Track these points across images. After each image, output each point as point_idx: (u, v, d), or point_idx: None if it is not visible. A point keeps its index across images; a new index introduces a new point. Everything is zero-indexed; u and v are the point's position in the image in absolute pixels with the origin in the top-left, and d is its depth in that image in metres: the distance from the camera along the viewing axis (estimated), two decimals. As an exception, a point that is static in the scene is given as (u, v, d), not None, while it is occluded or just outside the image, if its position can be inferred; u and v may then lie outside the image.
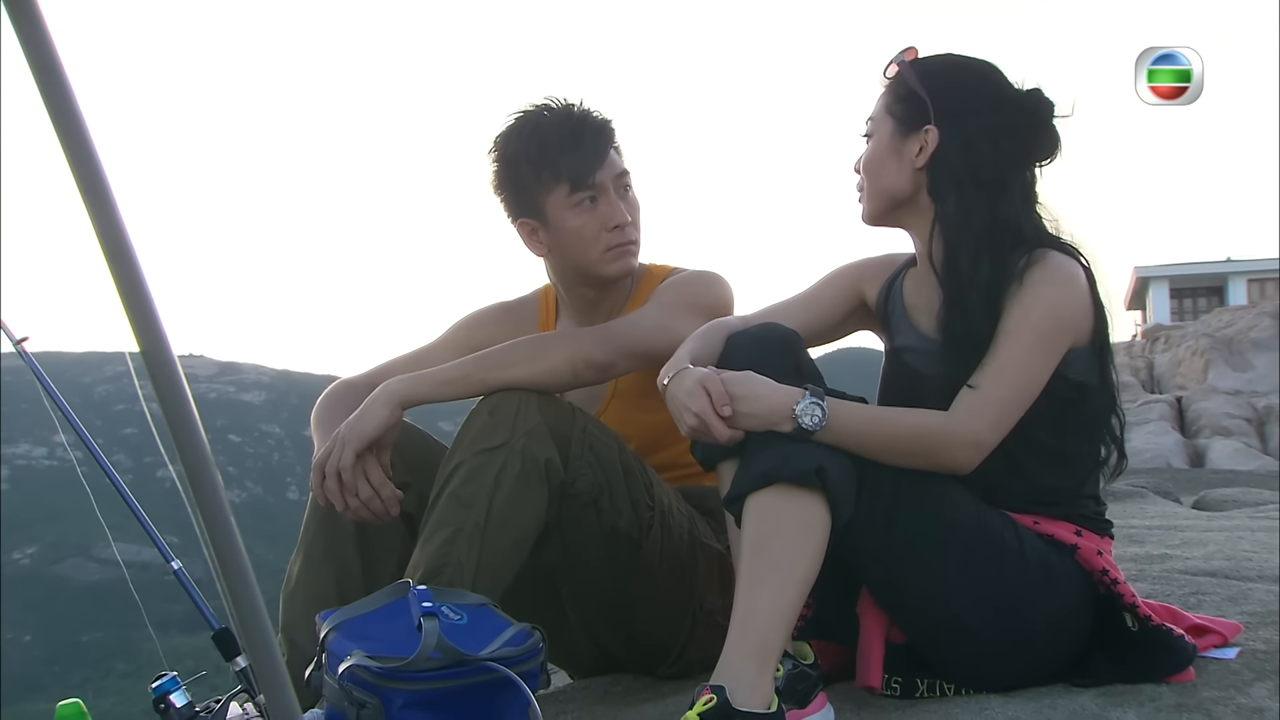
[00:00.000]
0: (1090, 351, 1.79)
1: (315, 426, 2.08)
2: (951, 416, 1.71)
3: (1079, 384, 1.79)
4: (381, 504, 1.90)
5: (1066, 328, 1.75)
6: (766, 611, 1.60)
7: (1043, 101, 1.83)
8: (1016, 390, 1.72)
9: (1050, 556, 1.77)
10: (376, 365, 2.24)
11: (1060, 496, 1.83)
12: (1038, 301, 1.73)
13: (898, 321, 1.98)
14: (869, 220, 1.92)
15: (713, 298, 2.14)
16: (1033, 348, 1.72)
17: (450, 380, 1.93)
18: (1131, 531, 3.95)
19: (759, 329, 1.84)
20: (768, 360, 1.78)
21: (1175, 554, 3.23)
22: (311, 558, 2.02)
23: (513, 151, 2.12)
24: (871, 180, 1.90)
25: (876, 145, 1.89)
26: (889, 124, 1.88)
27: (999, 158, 1.80)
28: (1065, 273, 1.76)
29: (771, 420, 1.67)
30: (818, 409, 1.66)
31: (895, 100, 1.88)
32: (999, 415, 1.71)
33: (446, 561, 1.79)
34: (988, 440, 1.70)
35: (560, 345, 1.96)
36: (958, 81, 1.85)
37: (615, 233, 2.12)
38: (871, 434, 1.68)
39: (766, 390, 1.69)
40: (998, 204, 1.80)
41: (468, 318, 2.33)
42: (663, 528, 2.00)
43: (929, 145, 1.83)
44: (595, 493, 1.94)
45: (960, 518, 1.73)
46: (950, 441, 1.69)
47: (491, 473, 1.84)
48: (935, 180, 1.84)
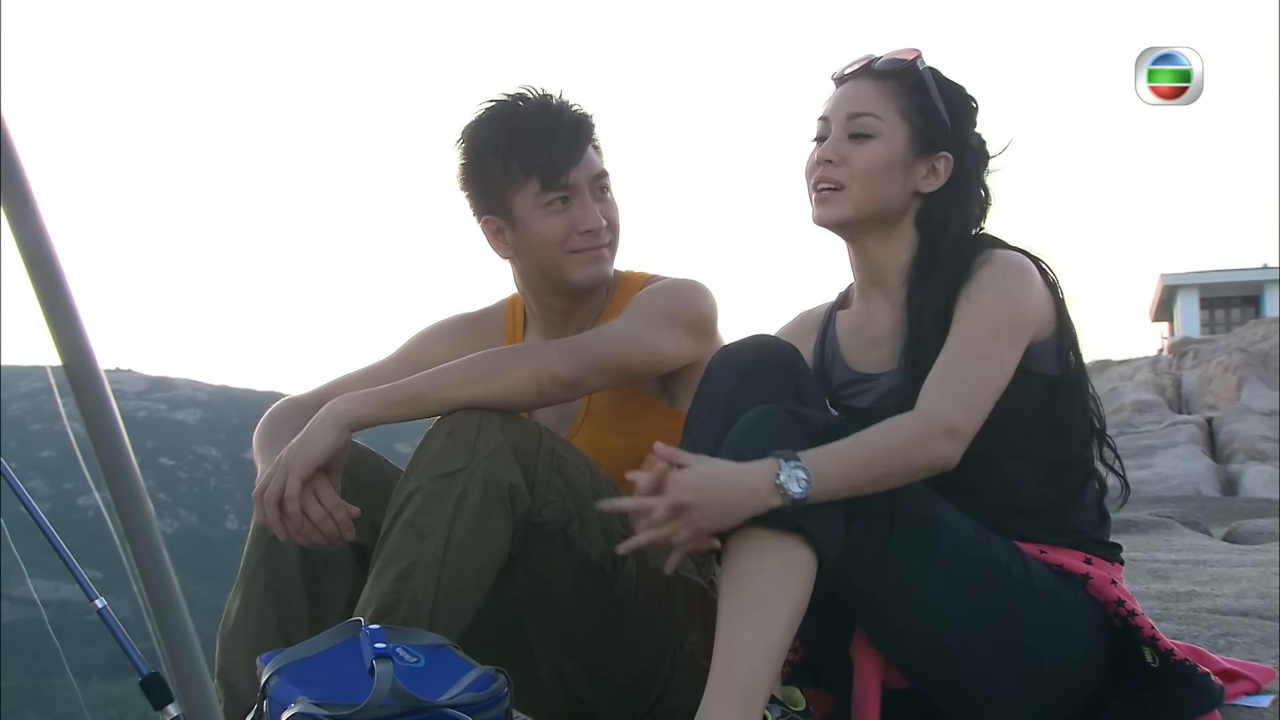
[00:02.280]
0: (1056, 344, 1.85)
1: (258, 449, 2.08)
2: (918, 412, 1.73)
3: (1050, 378, 1.84)
4: (335, 527, 1.90)
5: (1025, 313, 1.81)
6: (750, 650, 1.61)
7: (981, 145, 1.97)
8: (979, 373, 1.75)
9: (1060, 588, 1.79)
10: (326, 382, 2.24)
11: (1064, 513, 1.86)
12: (988, 289, 1.80)
13: (831, 365, 2.03)
14: (838, 222, 1.93)
15: (694, 309, 2.15)
16: (990, 332, 1.78)
17: (404, 399, 1.94)
18: (1155, 566, 3.98)
19: (753, 348, 1.86)
20: (763, 382, 1.79)
21: (1204, 591, 3.26)
22: (252, 594, 2.02)
23: (481, 143, 2.13)
24: (866, 186, 1.90)
25: (886, 151, 1.91)
26: (904, 133, 1.91)
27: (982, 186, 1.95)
28: (1011, 262, 1.84)
29: (753, 506, 1.65)
30: (800, 471, 1.65)
31: (916, 110, 1.91)
32: (966, 397, 1.73)
33: (401, 598, 1.80)
34: (962, 425, 1.71)
35: (524, 360, 1.97)
36: (971, 110, 1.96)
37: (586, 236, 2.13)
38: (854, 471, 1.68)
39: (736, 475, 1.66)
40: (966, 233, 1.93)
41: (426, 331, 2.33)
42: (638, 560, 2.01)
43: (941, 174, 1.91)
44: (564, 521, 1.95)
45: (961, 546, 1.75)
46: (925, 438, 1.70)
47: (450, 500, 1.85)
48: (931, 212, 1.92)
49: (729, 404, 1.80)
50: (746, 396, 1.78)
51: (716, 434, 1.78)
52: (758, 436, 1.71)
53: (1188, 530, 6.01)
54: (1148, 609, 2.93)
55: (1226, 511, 10.41)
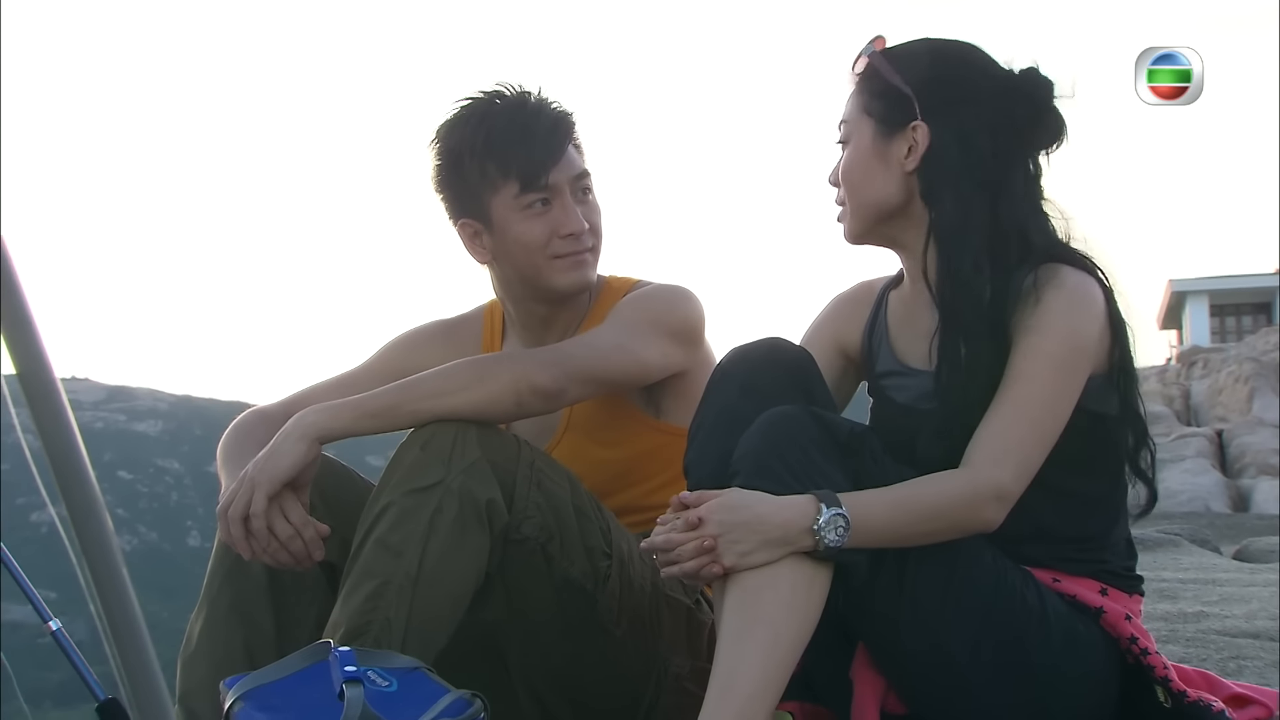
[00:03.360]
0: (1110, 377, 1.81)
1: (222, 462, 2.08)
2: (970, 472, 1.72)
3: (1099, 415, 1.81)
4: (303, 545, 1.90)
5: (1086, 355, 1.77)
6: (751, 675, 1.61)
7: (1040, 82, 1.85)
8: (1038, 430, 1.73)
9: (1073, 620, 1.79)
10: (294, 392, 2.24)
11: (1086, 548, 1.84)
12: (1054, 327, 1.75)
13: (877, 348, 1.99)
14: (854, 238, 1.93)
15: (680, 316, 2.15)
16: (1052, 381, 1.74)
17: (377, 410, 1.94)
18: (1163, 585, 4.00)
19: (763, 351, 1.85)
20: (772, 390, 1.78)
21: (1213, 612, 3.27)
22: (216, 615, 2.01)
23: (456, 143, 2.14)
24: (854, 191, 1.89)
25: (856, 151, 1.89)
26: (868, 125, 1.88)
27: (999, 151, 1.82)
28: (1081, 291, 1.78)
29: (784, 546, 1.64)
30: (840, 519, 1.64)
31: (871, 97, 1.87)
32: (1021, 461, 1.72)
33: (373, 619, 1.80)
34: (1012, 491, 1.71)
35: (503, 369, 1.97)
36: (941, 69, 1.86)
37: (568, 240, 2.13)
38: (896, 527, 1.68)
39: (771, 511, 1.65)
40: (999, 205, 1.81)
41: (400, 338, 2.33)
42: (622, 578, 2.01)
43: (919, 144, 1.84)
44: (544, 538, 1.95)
45: (977, 573, 1.75)
46: (974, 501, 1.70)
47: (424, 516, 1.85)
48: (929, 183, 1.84)
49: (736, 411, 1.79)
50: (754, 404, 1.77)
51: (723, 443, 1.77)
52: (778, 440, 1.71)
53: (1196, 548, 6.03)
54: (1154, 630, 2.94)
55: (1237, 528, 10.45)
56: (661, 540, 1.69)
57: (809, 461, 1.70)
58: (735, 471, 1.72)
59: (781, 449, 1.70)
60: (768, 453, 1.70)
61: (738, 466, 1.72)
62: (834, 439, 1.73)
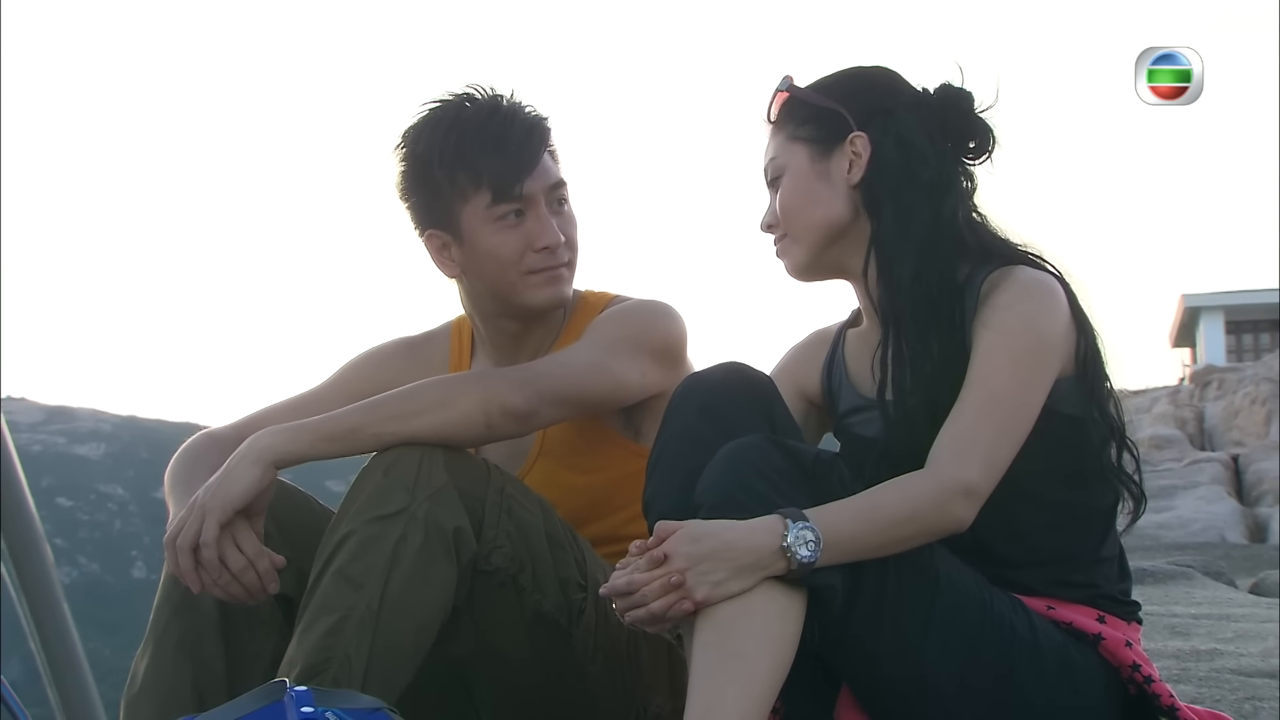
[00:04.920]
0: (1079, 377, 1.85)
1: (170, 488, 2.08)
2: (934, 471, 1.75)
3: (1074, 419, 1.84)
4: (257, 578, 1.90)
5: (1052, 346, 1.81)
6: (728, 711, 1.61)
7: (959, 93, 1.93)
8: (1002, 424, 1.76)
9: (1069, 649, 1.80)
10: (249, 413, 2.25)
11: (1078, 567, 1.87)
12: (1012, 318, 1.80)
13: (838, 389, 2.04)
14: (801, 270, 1.98)
15: (660, 333, 2.16)
16: (1013, 374, 1.78)
17: (337, 433, 1.95)
18: (1174, 621, 4.01)
19: (721, 376, 1.87)
20: (733, 416, 1.80)
21: (1227, 650, 3.29)
22: (163, 652, 2.01)
23: (424, 149, 2.14)
24: (799, 219, 1.95)
25: (794, 177, 1.95)
26: (800, 151, 1.95)
27: (937, 155, 1.90)
28: (1039, 286, 1.83)
29: (756, 571, 1.66)
30: (808, 532, 1.66)
31: (798, 124, 1.95)
32: (986, 456, 1.75)
33: (331, 655, 1.80)
34: (979, 486, 1.74)
35: (471, 389, 1.98)
36: (864, 82, 1.95)
37: (543, 254, 2.14)
38: (866, 534, 1.70)
39: (738, 535, 1.67)
40: (941, 206, 1.88)
41: (362, 356, 2.34)
42: (597, 612, 2.02)
43: (860, 154, 1.91)
44: (515, 569, 1.96)
45: (961, 600, 1.76)
46: (941, 501, 1.72)
47: (387, 545, 1.85)
48: (871, 193, 1.90)
49: (695, 440, 1.81)
50: (714, 432, 1.79)
51: (684, 474, 1.79)
52: (742, 470, 1.72)
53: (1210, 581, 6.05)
54: (1164, 669, 2.96)
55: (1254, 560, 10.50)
56: (623, 582, 1.69)
57: (774, 491, 1.72)
58: (698, 506, 1.74)
59: (745, 480, 1.72)
60: (731, 485, 1.72)
61: (700, 501, 1.74)
62: (799, 466, 1.75)
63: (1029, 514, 1.84)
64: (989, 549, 1.81)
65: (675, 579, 1.65)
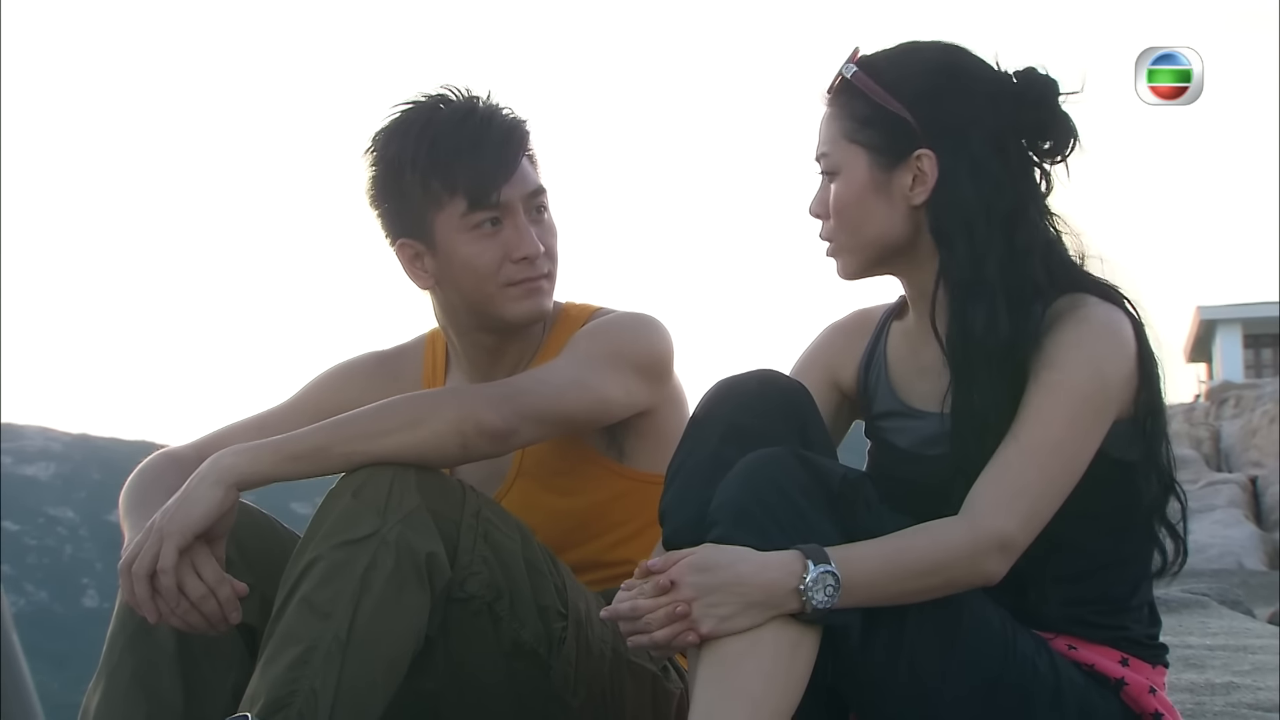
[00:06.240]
0: (1136, 421, 1.81)
1: (125, 511, 2.08)
2: (970, 520, 1.73)
3: (1125, 464, 1.82)
4: (218, 606, 1.90)
5: (1112, 396, 1.78)
6: None
7: (1043, 82, 1.85)
8: (1050, 476, 1.74)
9: (1090, 692, 1.80)
10: (209, 432, 2.25)
11: (1108, 612, 1.86)
12: (1075, 362, 1.76)
13: (875, 385, 2.00)
14: (851, 277, 1.92)
15: (645, 348, 2.17)
16: (1070, 422, 1.75)
17: (303, 452, 1.95)
18: (1188, 653, 4.02)
19: (754, 385, 1.85)
20: (762, 429, 1.79)
21: (1244, 684, 3.29)
22: (116, 686, 2.01)
23: (395, 154, 2.14)
24: (851, 230, 1.88)
25: (849, 185, 1.86)
26: (860, 157, 1.86)
27: (1012, 172, 1.82)
28: (1109, 325, 1.79)
29: (767, 608, 1.65)
30: (829, 577, 1.64)
31: (859, 124, 1.85)
32: (1028, 509, 1.73)
33: (296, 688, 1.80)
34: (1017, 540, 1.72)
35: (446, 406, 1.98)
36: (936, 81, 1.85)
37: (522, 265, 2.14)
38: (889, 583, 1.69)
39: (752, 570, 1.65)
40: (1017, 238, 1.81)
41: (331, 371, 2.34)
42: (579, 642, 2.02)
43: (927, 175, 1.82)
44: (491, 597, 1.96)
45: (983, 638, 1.76)
46: (975, 554, 1.71)
47: (356, 572, 1.85)
48: (939, 219, 1.83)
49: (720, 450, 1.79)
50: (741, 443, 1.77)
51: (705, 487, 1.77)
52: (761, 486, 1.71)
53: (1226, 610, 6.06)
54: (1179, 703, 2.96)
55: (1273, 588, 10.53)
56: (627, 608, 1.69)
57: (795, 511, 1.70)
58: (714, 522, 1.72)
59: (765, 497, 1.70)
60: (750, 501, 1.70)
61: (716, 517, 1.72)
62: (823, 486, 1.73)
63: (1064, 561, 1.82)
64: (1022, 591, 1.79)
65: (681, 609, 1.65)
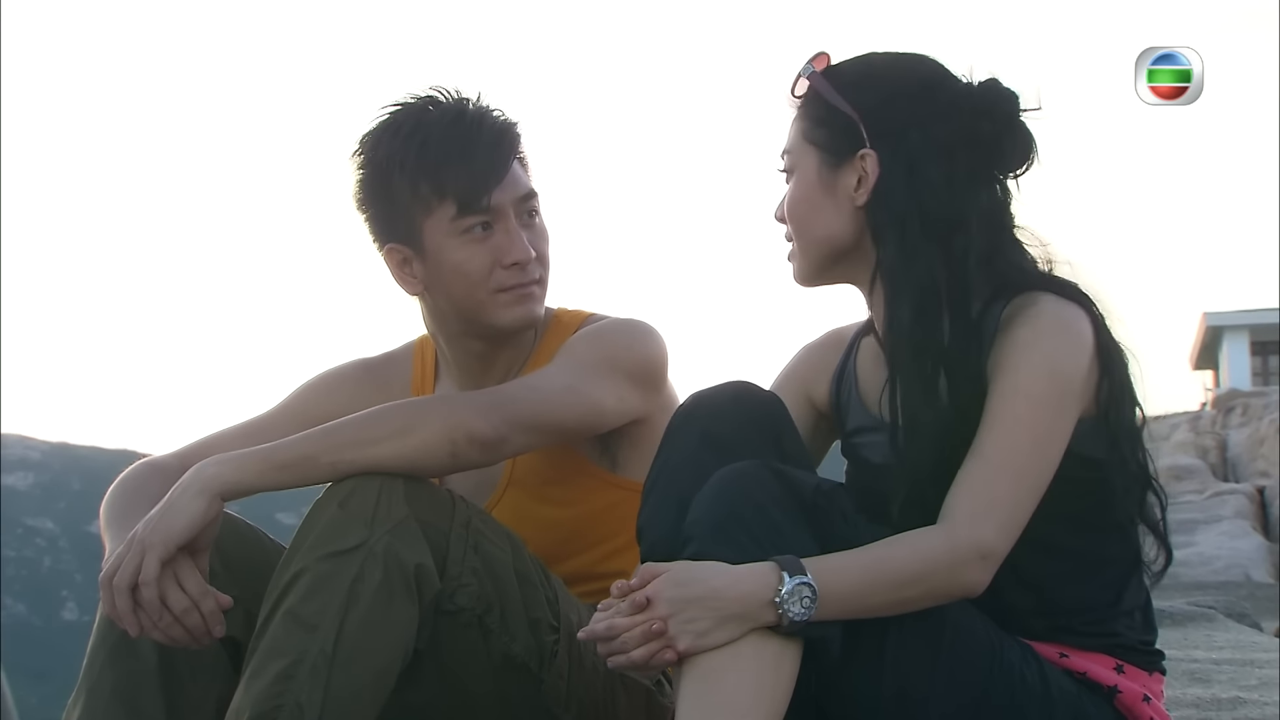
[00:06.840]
0: (1102, 417, 1.83)
1: (106, 522, 2.08)
2: (949, 529, 1.74)
3: (1093, 461, 1.83)
4: (201, 619, 1.90)
5: (1073, 391, 1.79)
6: None
7: (1003, 94, 1.88)
8: (1023, 480, 1.76)
9: (1082, 700, 1.81)
10: (193, 441, 2.25)
11: (1096, 618, 1.87)
12: (1031, 363, 1.78)
13: (847, 402, 2.03)
14: (804, 280, 1.97)
15: (639, 355, 2.17)
16: (1035, 423, 1.77)
17: (289, 461, 1.95)
18: (1194, 667, 4.02)
19: (726, 396, 1.86)
20: (736, 441, 1.80)
21: (1250, 698, 3.29)
22: (96, 702, 2.01)
23: (384, 156, 2.14)
24: (801, 229, 1.93)
25: (801, 184, 1.92)
26: (812, 155, 1.91)
27: (956, 178, 1.85)
28: (1061, 320, 1.81)
29: (742, 621, 1.67)
30: (805, 589, 1.66)
31: (814, 124, 1.91)
32: (1006, 515, 1.74)
33: (282, 703, 1.80)
34: (997, 548, 1.74)
35: (435, 415, 1.98)
36: (890, 88, 1.89)
37: (513, 271, 2.14)
38: (867, 594, 1.71)
39: (727, 583, 1.67)
40: (952, 243, 1.84)
41: (317, 379, 2.34)
42: (570, 656, 2.03)
43: (869, 175, 1.86)
44: (481, 609, 1.96)
45: (968, 648, 1.77)
46: (955, 564, 1.72)
47: (343, 584, 1.85)
48: (876, 219, 1.87)
49: (694, 464, 1.81)
50: (715, 456, 1.79)
51: (680, 501, 1.78)
52: (735, 500, 1.72)
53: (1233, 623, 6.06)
54: (1183, 718, 2.97)
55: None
56: (603, 628, 1.70)
57: (770, 524, 1.72)
58: (689, 537, 1.74)
59: (739, 511, 1.72)
60: (724, 516, 1.72)
61: (691, 532, 1.74)
62: (797, 497, 1.75)
63: (1041, 563, 1.84)
64: (1000, 595, 1.80)
65: (657, 626, 1.66)
